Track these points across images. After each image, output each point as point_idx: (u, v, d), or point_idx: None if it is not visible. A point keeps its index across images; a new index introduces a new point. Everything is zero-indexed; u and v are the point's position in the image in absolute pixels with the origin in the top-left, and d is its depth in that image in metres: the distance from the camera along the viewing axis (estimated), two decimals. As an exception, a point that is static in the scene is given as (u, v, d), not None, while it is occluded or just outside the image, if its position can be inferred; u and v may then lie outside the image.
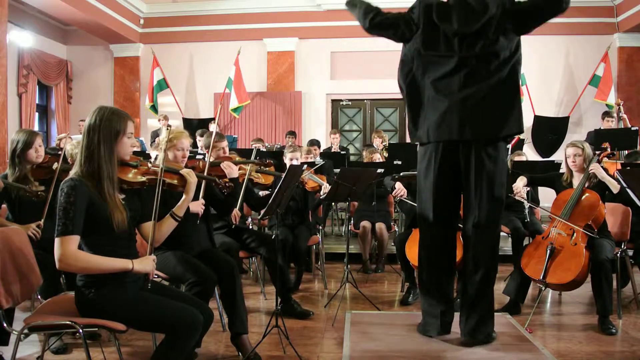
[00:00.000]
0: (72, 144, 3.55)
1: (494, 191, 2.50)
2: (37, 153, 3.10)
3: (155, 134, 7.94)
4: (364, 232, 4.76)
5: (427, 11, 2.51)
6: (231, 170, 3.01)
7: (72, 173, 1.94)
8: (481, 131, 2.46)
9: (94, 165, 1.92)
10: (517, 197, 3.43)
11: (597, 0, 8.39)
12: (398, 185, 3.88)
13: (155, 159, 2.42)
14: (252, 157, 3.30)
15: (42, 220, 2.98)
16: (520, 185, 3.42)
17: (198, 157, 3.81)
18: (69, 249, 1.83)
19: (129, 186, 2.08)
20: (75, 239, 1.85)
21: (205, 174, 2.82)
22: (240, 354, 2.69)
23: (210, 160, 3.00)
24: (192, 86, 9.42)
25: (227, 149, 3.43)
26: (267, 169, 3.54)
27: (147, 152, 4.98)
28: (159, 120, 8.13)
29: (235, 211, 3.42)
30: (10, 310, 2.38)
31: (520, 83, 2.64)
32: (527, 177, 3.52)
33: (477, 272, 2.52)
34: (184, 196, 2.27)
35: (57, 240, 1.84)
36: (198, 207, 2.77)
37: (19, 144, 3.05)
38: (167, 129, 2.70)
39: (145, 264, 2.00)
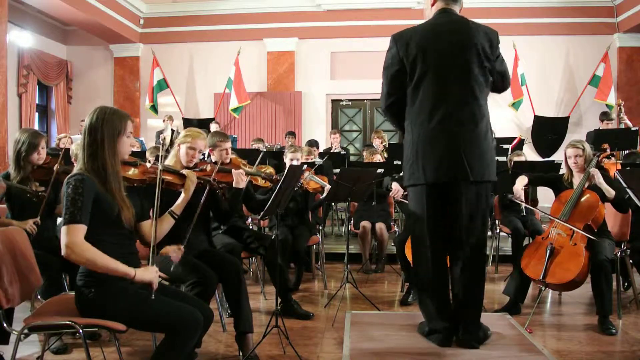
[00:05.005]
0: (77, 143, 3.53)
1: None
2: (40, 155, 3.11)
3: (159, 135, 7.93)
4: (364, 232, 4.76)
5: None
6: (240, 180, 2.88)
7: (77, 170, 1.95)
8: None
9: (99, 163, 1.94)
10: (515, 200, 3.37)
11: (597, 0, 8.38)
12: (394, 185, 3.91)
13: (157, 158, 2.39)
14: (258, 160, 3.25)
15: (39, 217, 3.00)
16: (519, 188, 3.32)
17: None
18: (77, 238, 1.83)
19: (130, 183, 2.12)
20: (82, 228, 1.84)
21: (212, 176, 2.79)
22: (241, 353, 2.70)
23: (213, 159, 2.97)
24: (192, 86, 9.42)
25: (230, 150, 3.41)
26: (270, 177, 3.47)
27: (146, 150, 4.94)
28: (164, 120, 8.12)
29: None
30: (10, 310, 2.38)
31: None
32: (527, 177, 3.41)
33: (467, 302, 2.45)
34: (182, 195, 2.29)
35: (63, 228, 1.84)
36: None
37: (24, 146, 3.03)
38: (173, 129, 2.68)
39: (148, 273, 1.97)
